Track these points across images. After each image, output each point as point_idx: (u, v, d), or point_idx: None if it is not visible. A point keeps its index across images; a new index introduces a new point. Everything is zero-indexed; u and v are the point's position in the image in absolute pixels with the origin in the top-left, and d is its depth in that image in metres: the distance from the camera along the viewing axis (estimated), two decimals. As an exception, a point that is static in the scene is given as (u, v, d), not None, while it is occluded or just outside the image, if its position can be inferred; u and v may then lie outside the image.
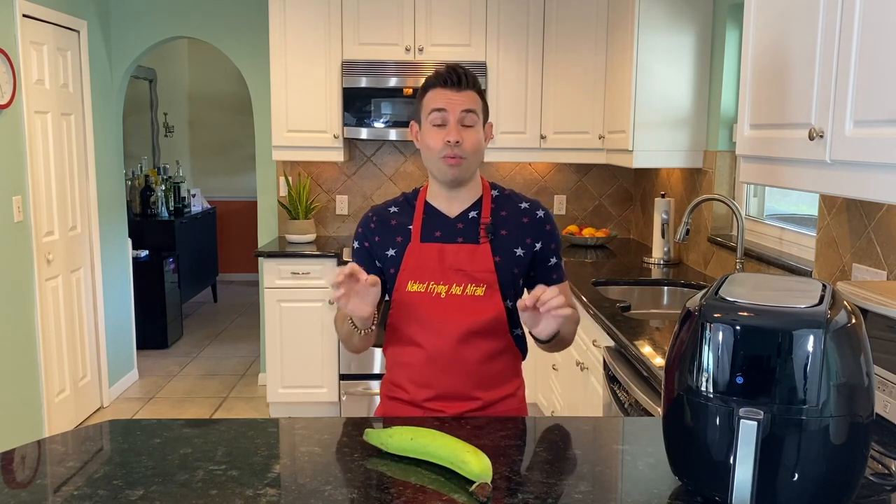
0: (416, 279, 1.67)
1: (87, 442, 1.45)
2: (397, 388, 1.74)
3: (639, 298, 3.31)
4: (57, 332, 3.99)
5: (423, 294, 1.67)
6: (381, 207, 1.79)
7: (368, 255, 1.75)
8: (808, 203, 2.89)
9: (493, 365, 1.70)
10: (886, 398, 1.53)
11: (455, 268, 1.67)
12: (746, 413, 1.07)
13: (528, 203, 1.76)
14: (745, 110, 1.95)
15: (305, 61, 4.12)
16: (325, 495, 1.21)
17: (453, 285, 1.66)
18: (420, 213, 1.73)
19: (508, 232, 1.70)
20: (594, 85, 4.12)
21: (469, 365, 1.67)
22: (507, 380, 1.74)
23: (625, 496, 1.23)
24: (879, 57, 1.40)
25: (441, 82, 1.64)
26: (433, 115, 1.64)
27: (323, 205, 4.67)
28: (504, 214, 1.72)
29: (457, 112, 1.63)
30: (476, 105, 1.66)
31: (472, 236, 1.69)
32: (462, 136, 1.63)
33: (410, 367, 1.70)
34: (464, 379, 1.67)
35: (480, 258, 1.67)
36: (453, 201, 1.72)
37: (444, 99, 1.63)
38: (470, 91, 1.65)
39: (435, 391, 1.68)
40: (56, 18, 3.93)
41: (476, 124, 1.66)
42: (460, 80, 1.64)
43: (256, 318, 6.40)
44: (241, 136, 7.86)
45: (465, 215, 1.71)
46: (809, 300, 1.13)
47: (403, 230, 1.72)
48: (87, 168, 4.33)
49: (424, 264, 1.67)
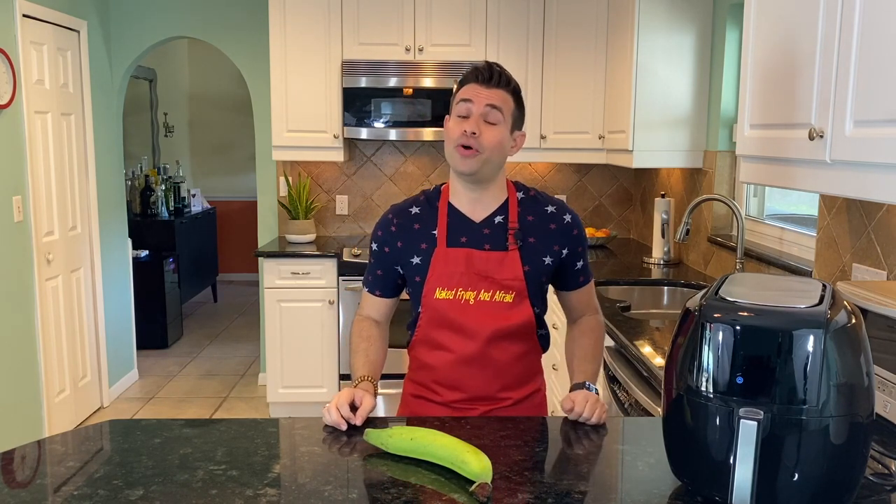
0: (445, 286, 1.66)
1: (87, 442, 1.45)
2: (423, 389, 1.75)
3: (639, 298, 3.31)
4: (57, 332, 3.99)
5: (452, 301, 1.66)
6: (401, 208, 1.75)
7: (388, 259, 1.73)
8: (808, 203, 2.89)
9: (519, 365, 1.71)
10: (886, 398, 1.53)
11: (483, 275, 1.65)
12: (746, 413, 1.07)
13: (554, 206, 1.72)
14: (745, 110, 1.95)
15: (305, 61, 4.12)
16: (325, 495, 1.21)
17: (482, 291, 1.65)
18: (444, 215, 1.69)
19: (537, 239, 1.68)
20: (594, 85, 4.12)
21: (497, 366, 1.68)
22: (532, 377, 1.76)
23: (625, 496, 1.23)
24: (879, 57, 1.40)
25: (474, 77, 1.63)
26: (460, 105, 1.63)
27: (323, 205, 4.67)
28: (531, 220, 1.69)
29: (481, 105, 1.61)
30: (503, 104, 1.63)
31: (500, 242, 1.66)
32: (481, 129, 1.60)
33: (438, 371, 1.70)
34: (492, 380, 1.69)
35: (509, 266, 1.65)
36: (476, 204, 1.69)
37: (473, 91, 1.62)
38: (500, 90, 1.62)
39: (464, 393, 1.69)
40: (56, 18, 3.93)
41: (500, 123, 1.62)
42: (491, 77, 1.62)
43: (256, 318, 6.40)
44: (241, 136, 7.86)
45: (490, 220, 1.68)
46: (809, 300, 1.13)
47: (427, 236, 1.69)
48: (87, 168, 4.33)
49: (452, 270, 1.65)
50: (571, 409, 1.53)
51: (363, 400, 1.53)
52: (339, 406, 1.49)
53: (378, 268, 1.76)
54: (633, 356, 2.24)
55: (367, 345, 1.73)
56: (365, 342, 1.73)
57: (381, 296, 1.78)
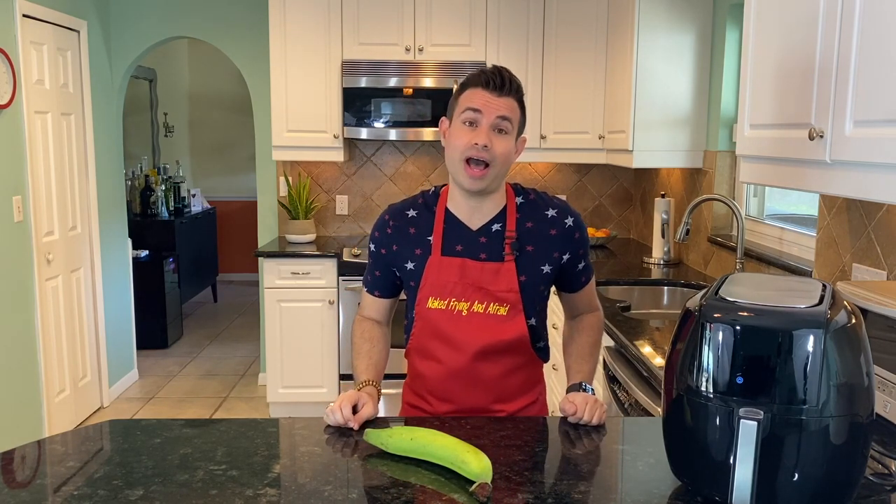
0: (437, 296, 1.62)
1: (87, 442, 1.45)
2: (419, 399, 1.73)
3: (639, 298, 3.31)
4: (57, 332, 3.99)
5: (445, 311, 1.63)
6: (398, 210, 1.71)
7: (385, 261, 1.73)
8: (808, 203, 2.89)
9: (514, 378, 1.68)
10: (886, 398, 1.53)
11: (477, 286, 1.61)
12: (746, 413, 1.07)
13: (555, 210, 1.67)
14: (745, 110, 1.95)
15: (305, 61, 4.12)
16: (325, 495, 1.21)
17: (475, 302, 1.61)
18: (440, 222, 1.65)
19: (535, 248, 1.63)
20: (594, 85, 4.12)
21: (489, 381, 1.65)
22: (528, 389, 1.72)
23: (625, 496, 1.23)
24: (879, 57, 1.40)
25: (483, 83, 1.55)
26: (467, 113, 1.56)
27: (323, 205, 4.67)
28: (530, 226, 1.64)
29: (492, 116, 1.54)
30: (514, 114, 1.57)
31: (496, 252, 1.62)
32: (492, 141, 1.54)
33: (431, 381, 1.69)
34: (484, 394, 1.66)
35: (504, 277, 1.61)
36: (475, 212, 1.64)
37: (482, 100, 1.54)
38: (510, 98, 1.56)
39: (455, 405, 1.68)
40: (56, 18, 3.93)
41: (510, 132, 1.57)
42: (503, 85, 1.55)
43: (256, 318, 6.39)
44: (241, 136, 7.86)
45: (487, 228, 1.63)
46: (809, 300, 1.13)
47: (422, 241, 1.65)
48: (87, 168, 4.33)
49: (445, 280, 1.62)
50: (574, 413, 1.52)
51: (365, 406, 1.52)
52: (342, 407, 1.49)
53: (376, 268, 1.76)
54: (633, 356, 2.24)
55: (369, 346, 1.72)
56: (368, 343, 1.73)
57: (380, 296, 1.77)
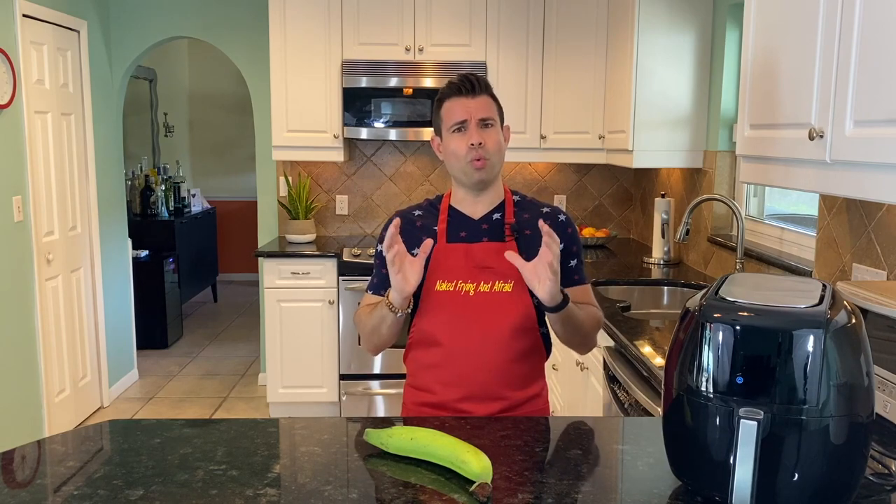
0: (445, 278, 1.70)
1: (87, 442, 1.45)
2: (424, 392, 1.74)
3: (639, 298, 3.31)
4: (57, 332, 3.99)
5: (452, 293, 1.70)
6: (405, 212, 1.82)
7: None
8: (808, 203, 2.89)
9: (521, 364, 1.72)
10: (886, 398, 1.53)
11: (482, 265, 1.70)
12: (746, 413, 1.07)
13: (548, 208, 1.80)
14: (745, 110, 1.95)
15: (305, 61, 4.12)
16: (325, 495, 1.21)
17: (481, 283, 1.69)
18: (445, 215, 1.77)
19: (532, 232, 1.72)
20: (594, 85, 4.12)
21: (498, 363, 1.69)
22: (533, 380, 1.76)
23: (625, 496, 1.23)
24: (879, 57, 1.40)
25: (455, 91, 1.70)
26: (454, 123, 1.70)
27: (323, 205, 4.67)
28: (527, 217, 1.76)
29: (476, 117, 1.69)
30: (492, 108, 1.72)
31: (498, 235, 1.74)
32: (483, 137, 1.68)
33: (438, 368, 1.71)
34: (492, 377, 1.69)
35: None
36: (477, 204, 1.77)
37: (462, 107, 1.69)
38: (485, 96, 1.71)
39: (464, 391, 1.69)
40: (56, 18, 3.93)
41: (495, 125, 1.72)
42: (474, 87, 1.70)
43: (256, 318, 6.39)
44: (241, 136, 7.86)
45: (489, 217, 1.76)
46: (809, 300, 1.13)
47: (429, 231, 1.76)
48: (87, 168, 4.33)
49: (452, 263, 1.71)
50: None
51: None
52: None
53: (383, 266, 1.77)
54: (633, 356, 2.24)
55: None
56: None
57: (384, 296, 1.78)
